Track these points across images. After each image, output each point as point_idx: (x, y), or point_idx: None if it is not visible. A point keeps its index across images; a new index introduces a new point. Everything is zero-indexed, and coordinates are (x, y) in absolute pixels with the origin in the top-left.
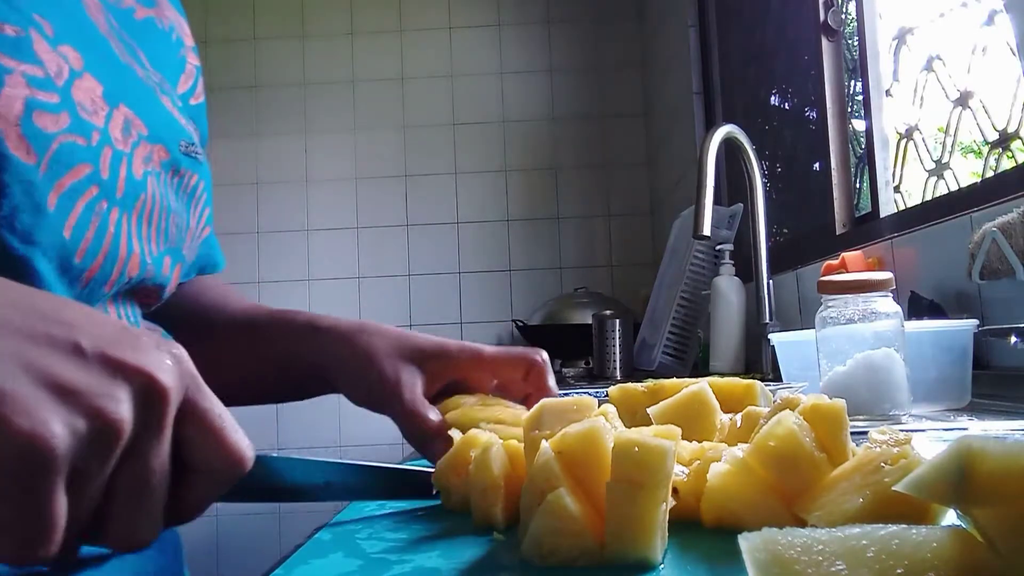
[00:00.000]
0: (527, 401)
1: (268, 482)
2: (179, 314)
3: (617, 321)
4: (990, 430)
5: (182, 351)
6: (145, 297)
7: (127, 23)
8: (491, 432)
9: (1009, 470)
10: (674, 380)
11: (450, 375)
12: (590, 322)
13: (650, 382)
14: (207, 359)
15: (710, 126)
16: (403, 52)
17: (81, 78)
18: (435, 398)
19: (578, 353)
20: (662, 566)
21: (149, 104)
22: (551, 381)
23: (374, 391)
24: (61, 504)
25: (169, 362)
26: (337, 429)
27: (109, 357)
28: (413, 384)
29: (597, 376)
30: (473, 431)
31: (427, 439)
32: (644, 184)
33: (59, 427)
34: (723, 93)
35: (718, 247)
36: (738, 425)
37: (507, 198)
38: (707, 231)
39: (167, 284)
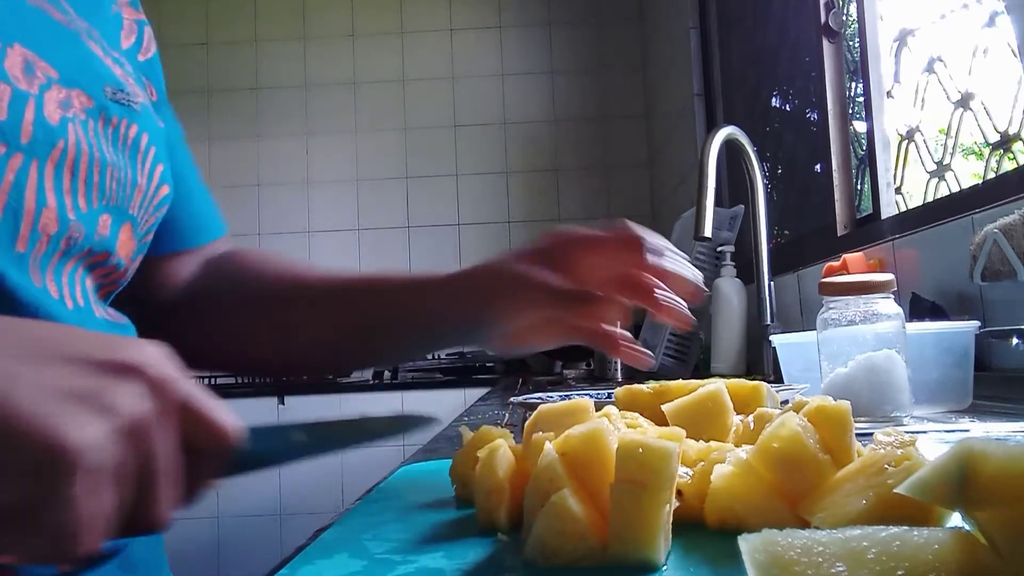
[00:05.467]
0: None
1: (258, 452)
2: (239, 289)
3: (618, 323)
4: (992, 432)
5: (160, 345)
6: (97, 270)
7: None
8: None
9: (1010, 473)
10: (680, 381)
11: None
12: None
13: (655, 383)
14: (281, 332)
15: (711, 128)
16: (404, 54)
17: None
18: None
19: (579, 355)
20: (665, 567)
21: (63, 46)
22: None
23: (532, 297)
24: (95, 501)
25: (158, 356)
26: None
27: (106, 361)
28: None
29: (598, 378)
30: (485, 427)
31: (596, 303)
32: (645, 186)
33: (75, 428)
34: (724, 95)
35: (719, 248)
36: (751, 427)
37: (508, 200)
38: (708, 232)
39: (112, 247)
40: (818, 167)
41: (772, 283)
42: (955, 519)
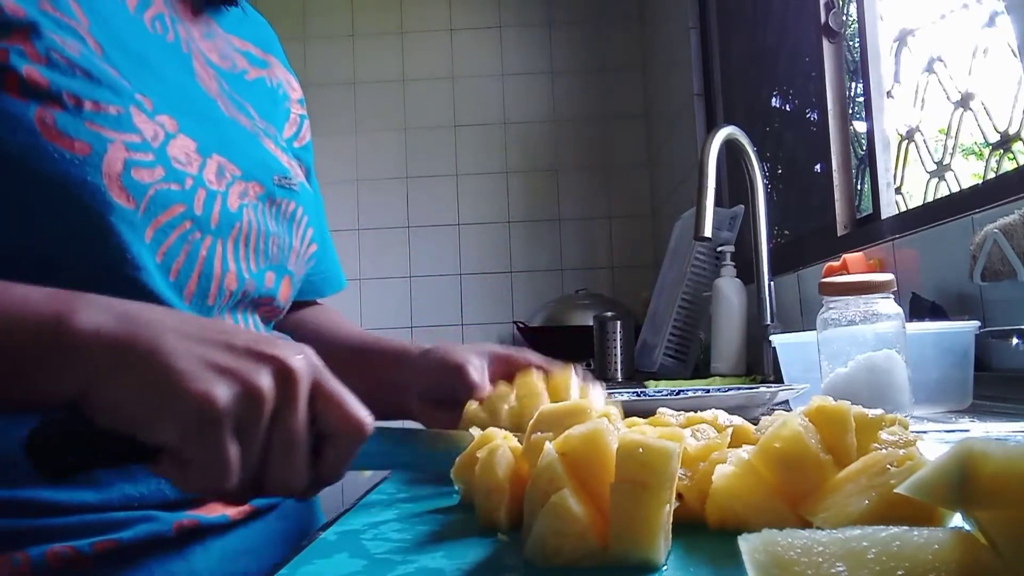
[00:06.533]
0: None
1: (386, 452)
2: (300, 338)
3: (618, 323)
4: (992, 432)
5: (308, 348)
6: (262, 309)
7: (238, 84)
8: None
9: (1010, 473)
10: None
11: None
12: (591, 324)
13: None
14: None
15: (711, 128)
16: (404, 54)
17: (176, 138)
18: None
19: (579, 355)
20: (665, 567)
21: (246, 148)
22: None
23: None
24: (231, 449)
25: (298, 354)
26: None
27: (253, 350)
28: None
29: (598, 378)
30: (491, 429)
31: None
32: (645, 185)
33: (220, 390)
34: (724, 95)
35: (719, 248)
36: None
37: (508, 200)
38: (708, 232)
39: (275, 295)
40: (818, 167)
41: (772, 283)
42: (955, 519)
